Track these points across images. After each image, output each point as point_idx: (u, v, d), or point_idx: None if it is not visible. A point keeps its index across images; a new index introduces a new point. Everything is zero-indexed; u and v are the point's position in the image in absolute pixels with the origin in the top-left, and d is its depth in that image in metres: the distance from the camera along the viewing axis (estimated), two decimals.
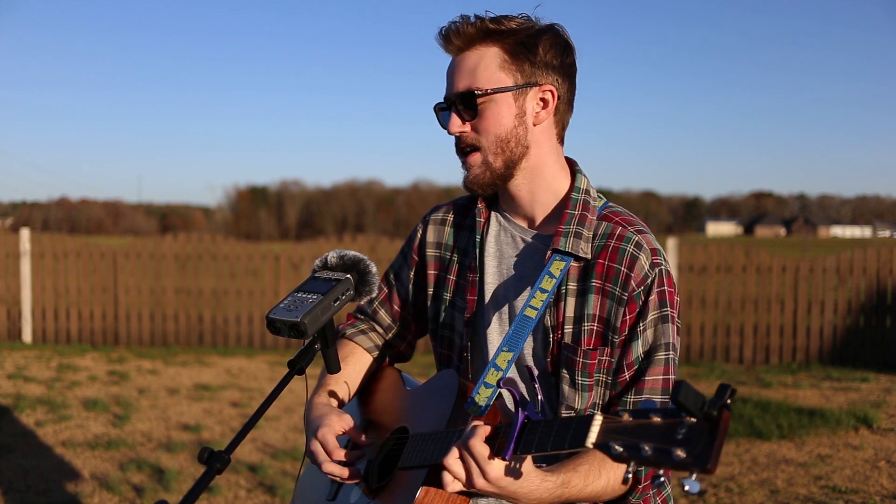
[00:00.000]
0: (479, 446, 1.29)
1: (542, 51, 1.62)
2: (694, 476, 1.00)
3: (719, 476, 5.15)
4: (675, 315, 1.60)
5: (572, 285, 1.61)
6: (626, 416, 1.08)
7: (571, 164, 1.73)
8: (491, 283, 1.72)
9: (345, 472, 1.60)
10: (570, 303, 1.61)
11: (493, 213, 1.77)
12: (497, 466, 1.29)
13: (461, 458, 1.32)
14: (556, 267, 1.59)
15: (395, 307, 1.91)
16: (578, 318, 1.60)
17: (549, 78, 1.64)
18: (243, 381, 8.02)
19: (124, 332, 9.97)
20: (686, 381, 1.01)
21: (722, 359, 9.33)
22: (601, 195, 1.72)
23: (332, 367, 1.61)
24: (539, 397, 1.37)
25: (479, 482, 1.30)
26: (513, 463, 1.29)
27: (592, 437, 1.11)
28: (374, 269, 1.59)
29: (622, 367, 1.58)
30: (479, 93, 1.59)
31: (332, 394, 1.79)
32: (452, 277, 1.79)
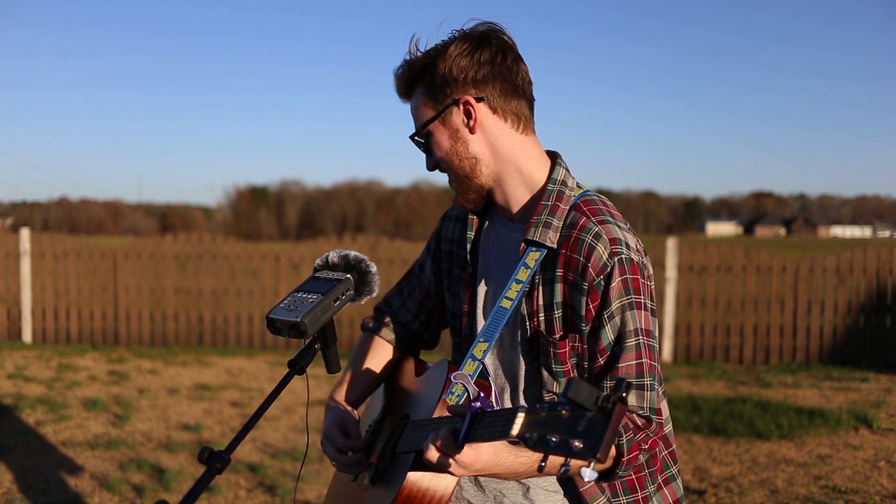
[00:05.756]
0: (449, 443, 1.38)
1: (442, 70, 1.64)
2: (592, 465, 1.08)
3: (719, 476, 5.16)
4: (644, 300, 1.59)
5: (542, 275, 1.65)
6: (542, 410, 1.17)
7: (553, 156, 1.74)
8: (481, 276, 1.79)
9: (352, 463, 1.76)
10: (542, 291, 1.65)
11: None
12: (466, 454, 1.38)
13: (437, 449, 1.41)
14: (532, 258, 1.63)
15: (419, 297, 2.01)
16: (549, 307, 1.64)
17: (460, 89, 1.64)
18: (243, 381, 8.02)
19: (124, 332, 9.97)
20: (577, 378, 1.09)
21: (722, 359, 9.33)
22: (581, 185, 1.73)
23: (332, 367, 1.62)
24: (493, 388, 1.57)
25: (456, 471, 1.41)
26: (472, 447, 1.39)
27: (516, 429, 1.20)
28: (374, 269, 1.61)
29: (595, 354, 1.61)
30: (416, 135, 1.72)
31: (353, 386, 1.93)
32: (457, 271, 1.87)
